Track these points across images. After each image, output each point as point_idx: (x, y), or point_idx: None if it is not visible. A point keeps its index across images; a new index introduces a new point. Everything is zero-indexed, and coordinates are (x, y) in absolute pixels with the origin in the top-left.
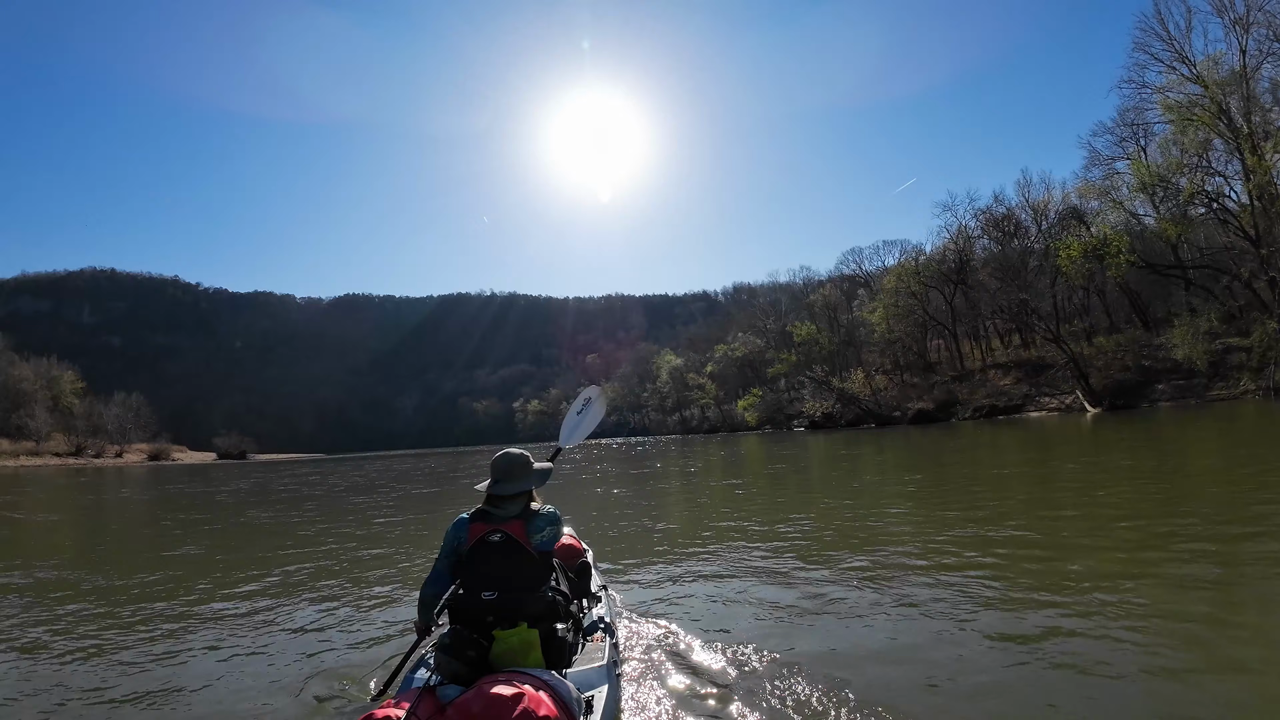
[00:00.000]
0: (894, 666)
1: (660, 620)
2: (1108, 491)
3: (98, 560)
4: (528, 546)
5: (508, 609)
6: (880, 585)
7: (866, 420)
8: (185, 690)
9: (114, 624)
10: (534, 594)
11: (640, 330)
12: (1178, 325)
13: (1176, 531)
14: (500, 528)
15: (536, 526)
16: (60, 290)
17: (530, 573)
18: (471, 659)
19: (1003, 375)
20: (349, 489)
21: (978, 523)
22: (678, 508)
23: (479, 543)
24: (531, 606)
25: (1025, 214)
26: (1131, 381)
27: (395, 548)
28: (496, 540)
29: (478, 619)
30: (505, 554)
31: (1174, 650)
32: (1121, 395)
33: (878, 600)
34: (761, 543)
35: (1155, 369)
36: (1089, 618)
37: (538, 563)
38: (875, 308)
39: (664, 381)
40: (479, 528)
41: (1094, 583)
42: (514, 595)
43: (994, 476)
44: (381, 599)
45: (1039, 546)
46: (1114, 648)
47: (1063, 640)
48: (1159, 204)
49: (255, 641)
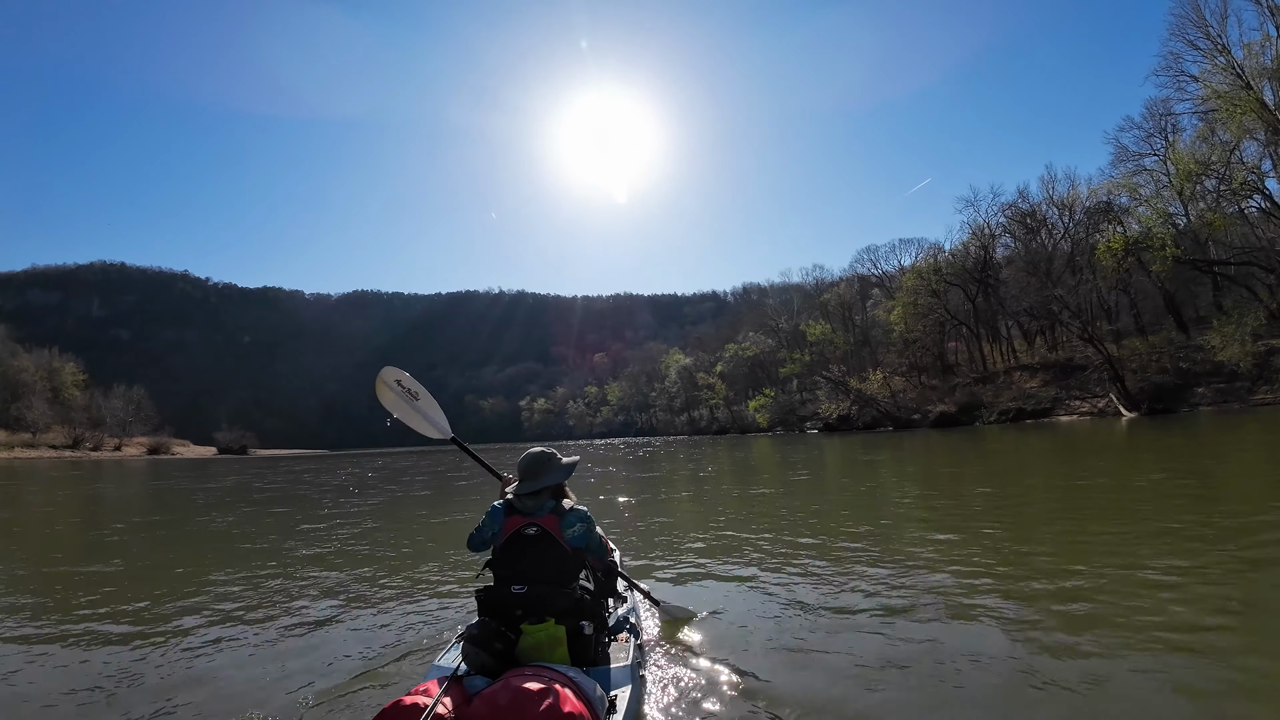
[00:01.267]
0: (918, 680)
1: (685, 623)
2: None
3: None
4: (561, 541)
5: (536, 604)
6: (909, 597)
7: (884, 423)
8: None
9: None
10: (563, 590)
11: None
12: (1219, 325)
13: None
14: (536, 521)
15: (569, 522)
16: (70, 283)
17: (562, 568)
18: (498, 651)
19: (1029, 377)
20: (335, 489)
21: (1024, 541)
22: (692, 514)
23: (515, 535)
24: (560, 602)
25: (1051, 211)
26: (1170, 384)
27: (349, 570)
28: (532, 533)
29: (506, 612)
30: (540, 547)
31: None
32: (1160, 399)
33: (907, 610)
34: (789, 551)
35: (1194, 371)
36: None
37: (570, 558)
38: (893, 307)
39: (672, 381)
40: (515, 520)
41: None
42: (543, 590)
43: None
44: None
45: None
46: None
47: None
48: (1188, 201)
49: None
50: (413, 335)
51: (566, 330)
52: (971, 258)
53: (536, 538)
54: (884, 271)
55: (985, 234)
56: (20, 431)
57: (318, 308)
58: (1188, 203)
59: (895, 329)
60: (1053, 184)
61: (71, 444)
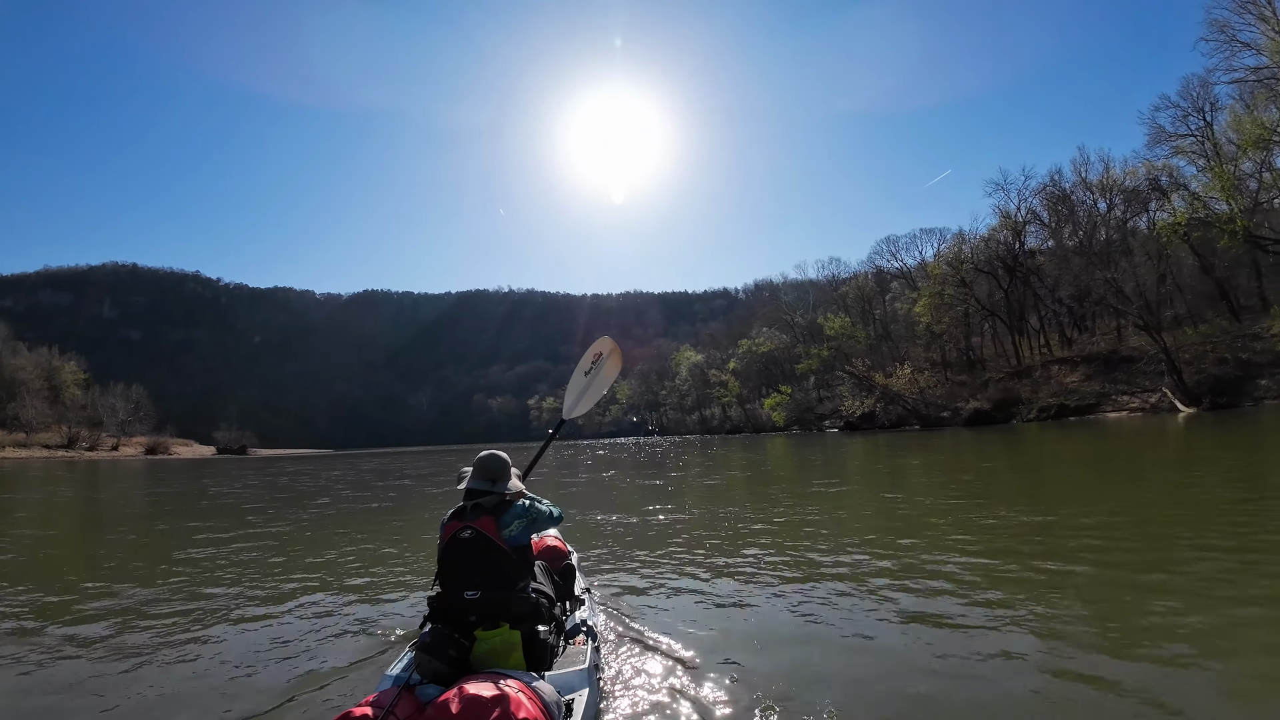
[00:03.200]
0: (900, 684)
1: (643, 625)
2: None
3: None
4: (499, 542)
5: (490, 609)
6: (893, 601)
7: (910, 421)
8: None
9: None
10: (517, 594)
11: (658, 327)
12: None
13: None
14: (471, 524)
15: (505, 521)
16: (82, 284)
17: (506, 569)
18: (452, 658)
19: (1068, 371)
20: (316, 491)
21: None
22: (702, 533)
23: (450, 540)
24: (515, 607)
25: (1084, 194)
26: (1230, 376)
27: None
28: (466, 537)
29: (460, 618)
30: (477, 551)
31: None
32: (1222, 392)
33: (881, 616)
34: (759, 554)
35: (1254, 362)
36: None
37: (512, 558)
38: (918, 298)
39: (683, 379)
40: (453, 525)
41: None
42: (497, 595)
43: (1189, 502)
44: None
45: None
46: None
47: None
48: (1226, 181)
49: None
50: (422, 334)
51: (575, 328)
52: (1004, 244)
53: (471, 540)
54: (904, 264)
55: (1016, 219)
56: (16, 431)
57: (327, 307)
58: (1227, 183)
59: (921, 321)
60: (1085, 166)
61: (66, 444)
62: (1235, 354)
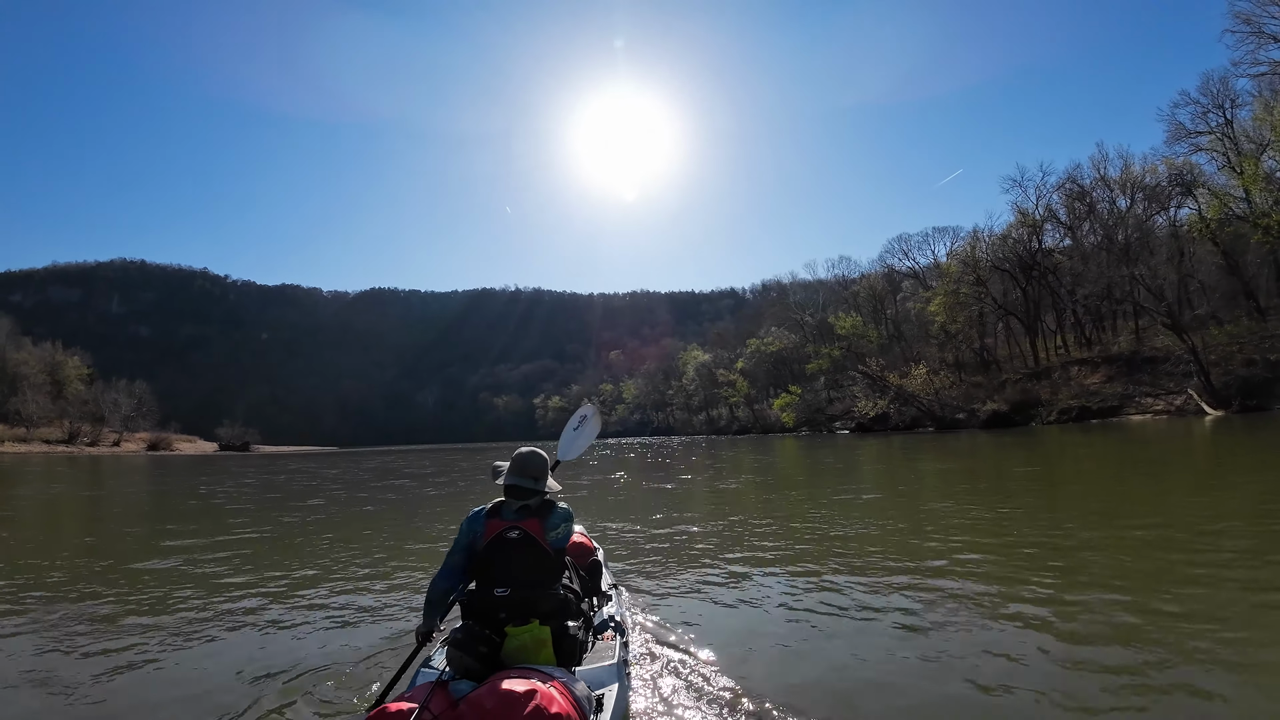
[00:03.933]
0: (917, 689)
1: (672, 621)
2: None
3: None
4: (544, 544)
5: (521, 606)
6: (918, 602)
7: (924, 423)
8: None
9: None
10: (547, 591)
11: (666, 327)
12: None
13: None
14: (518, 524)
15: (552, 524)
16: (91, 280)
17: (545, 570)
18: (484, 655)
19: (1089, 372)
20: (303, 492)
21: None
22: (709, 524)
23: (497, 539)
24: (544, 604)
25: (1102, 191)
26: (1259, 378)
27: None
28: (514, 537)
29: (490, 615)
30: (523, 551)
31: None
32: (1251, 394)
33: (905, 616)
34: (784, 553)
35: None
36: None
37: (553, 560)
38: (932, 297)
39: (690, 379)
40: (496, 524)
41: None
42: (527, 592)
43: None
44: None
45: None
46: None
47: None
48: (1258, 175)
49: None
50: (430, 333)
51: (583, 328)
52: (1020, 242)
53: (520, 541)
54: (916, 263)
55: (1034, 216)
56: (17, 425)
57: (335, 305)
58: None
59: (936, 320)
60: (1104, 163)
61: (67, 439)
62: (1264, 355)
